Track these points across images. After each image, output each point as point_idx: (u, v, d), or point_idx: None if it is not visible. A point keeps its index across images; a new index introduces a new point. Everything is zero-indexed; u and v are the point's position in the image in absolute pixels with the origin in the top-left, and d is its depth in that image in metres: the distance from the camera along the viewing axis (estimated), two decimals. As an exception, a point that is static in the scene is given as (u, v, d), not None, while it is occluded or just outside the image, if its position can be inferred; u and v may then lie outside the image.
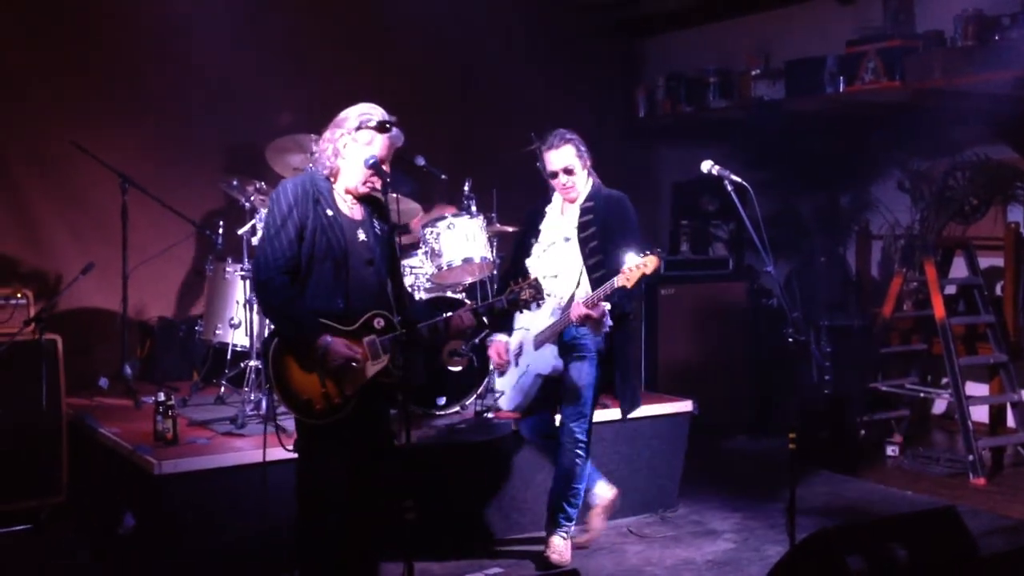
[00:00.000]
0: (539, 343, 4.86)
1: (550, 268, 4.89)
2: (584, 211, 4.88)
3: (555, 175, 4.90)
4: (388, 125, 3.93)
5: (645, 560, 5.04)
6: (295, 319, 3.87)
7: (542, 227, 5.01)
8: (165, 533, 4.58)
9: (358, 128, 3.91)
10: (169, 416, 4.88)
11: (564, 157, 4.87)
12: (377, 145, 3.92)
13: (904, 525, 3.17)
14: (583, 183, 4.93)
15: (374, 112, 3.95)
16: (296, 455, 4.02)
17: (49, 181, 6.54)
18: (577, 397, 4.82)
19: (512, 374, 4.99)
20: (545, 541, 4.95)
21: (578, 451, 4.85)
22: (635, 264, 4.48)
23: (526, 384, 4.94)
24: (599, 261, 4.77)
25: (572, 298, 4.80)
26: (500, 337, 4.97)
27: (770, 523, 5.52)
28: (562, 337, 4.83)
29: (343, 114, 3.97)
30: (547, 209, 5.05)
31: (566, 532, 4.95)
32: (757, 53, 8.03)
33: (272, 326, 4.08)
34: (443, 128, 7.46)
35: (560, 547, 4.91)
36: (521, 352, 4.95)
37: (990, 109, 6.54)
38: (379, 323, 3.95)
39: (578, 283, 4.83)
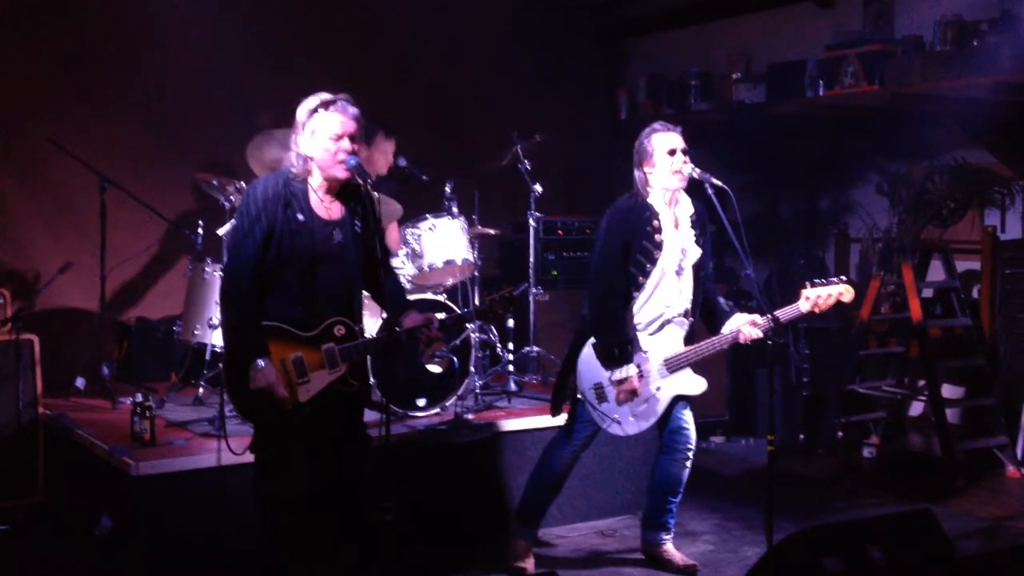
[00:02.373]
0: (676, 367, 4.64)
1: (689, 289, 4.70)
2: (693, 221, 4.70)
3: (673, 152, 4.59)
4: (332, 100, 3.89)
5: (623, 562, 5.05)
6: (243, 333, 3.87)
7: (662, 238, 4.59)
8: (142, 534, 4.55)
9: (308, 118, 3.89)
10: (147, 417, 4.85)
11: (680, 138, 4.62)
12: (332, 121, 3.86)
13: (881, 527, 3.18)
14: None
15: (315, 98, 3.92)
16: (252, 456, 4.03)
17: (27, 180, 6.49)
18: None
19: (634, 399, 4.63)
20: (659, 549, 4.91)
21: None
22: (827, 293, 4.44)
23: (657, 407, 4.69)
24: (701, 276, 4.74)
25: (717, 319, 4.69)
26: (631, 371, 4.53)
27: (748, 524, 5.54)
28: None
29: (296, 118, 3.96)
30: (656, 211, 4.62)
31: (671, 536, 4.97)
32: (738, 56, 8.06)
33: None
34: (425, 129, 7.46)
35: (675, 552, 4.91)
36: (642, 376, 4.63)
37: (968, 113, 6.58)
38: (339, 331, 3.92)
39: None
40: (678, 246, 4.63)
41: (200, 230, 6.10)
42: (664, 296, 4.61)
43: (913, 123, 6.90)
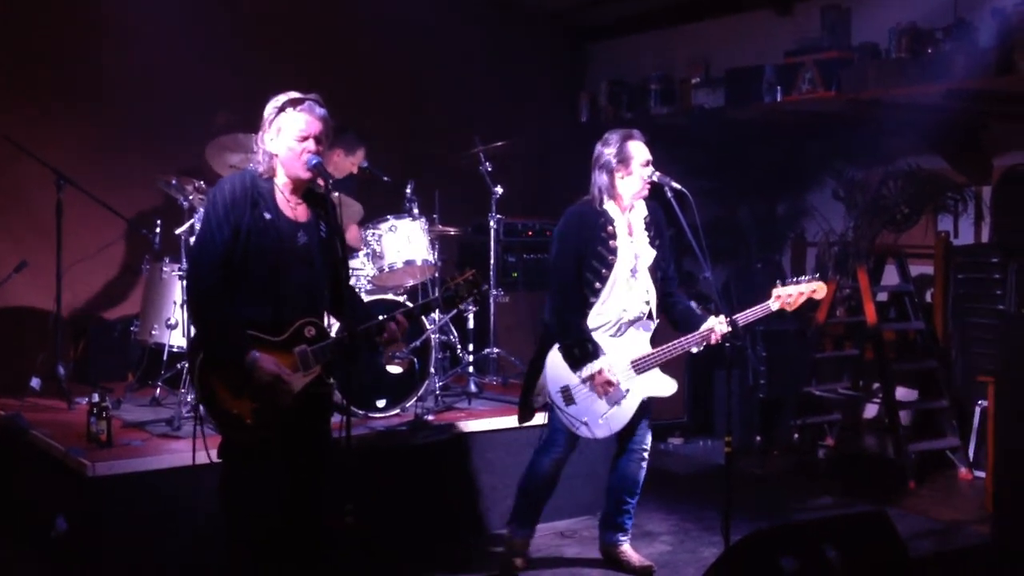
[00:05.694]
0: (644, 368, 4.64)
1: (645, 292, 4.70)
2: (647, 223, 4.73)
3: (648, 163, 4.61)
4: (300, 99, 3.85)
5: (581, 563, 5.07)
6: (224, 335, 3.79)
7: (617, 244, 4.62)
8: (98, 536, 4.51)
9: (275, 116, 3.85)
10: (103, 417, 4.81)
11: (648, 149, 4.65)
12: (299, 120, 3.82)
13: (836, 527, 3.23)
14: None
15: (283, 96, 3.88)
16: (221, 460, 3.97)
17: (-19, 177, 6.42)
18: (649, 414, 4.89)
19: (603, 402, 4.63)
20: (616, 550, 4.95)
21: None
22: (798, 291, 4.47)
23: (628, 410, 4.67)
24: (659, 278, 4.74)
25: (687, 323, 4.66)
26: (600, 364, 4.56)
27: (706, 525, 5.59)
28: None
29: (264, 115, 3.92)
30: (611, 217, 4.65)
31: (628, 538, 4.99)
32: (698, 62, 8.13)
33: (196, 337, 3.96)
34: (387, 130, 7.45)
35: (632, 553, 4.94)
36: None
37: (922, 120, 6.68)
38: (310, 332, 3.87)
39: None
40: (632, 251, 4.66)
41: (158, 229, 6.06)
42: (620, 300, 4.64)
43: (869, 129, 6.99)
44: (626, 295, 4.64)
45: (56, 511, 4.75)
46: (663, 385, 4.73)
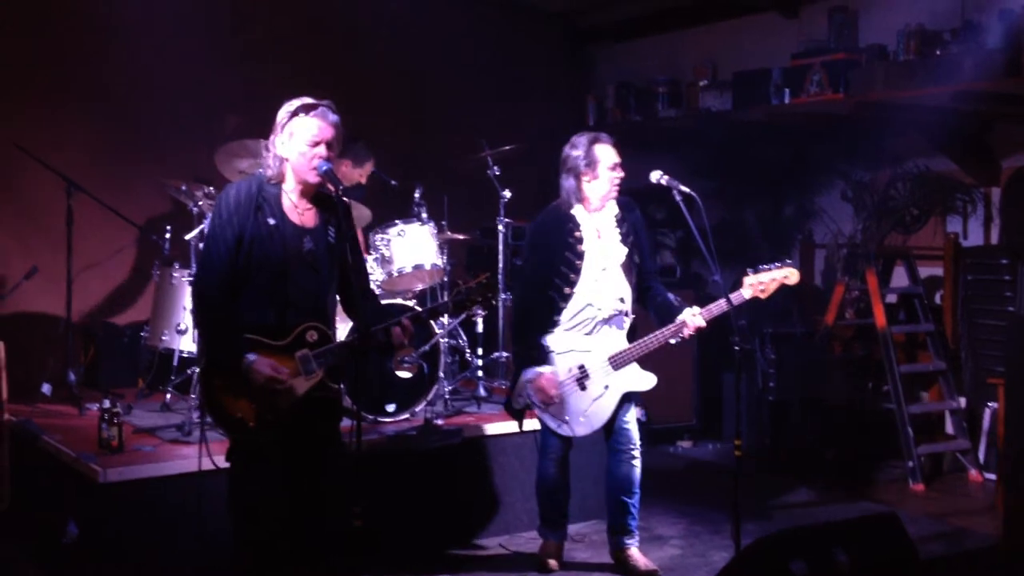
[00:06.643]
0: (622, 363, 4.65)
1: (616, 290, 4.71)
2: (619, 221, 4.77)
3: (616, 167, 4.67)
4: (313, 105, 3.86)
5: (591, 566, 5.07)
6: (220, 337, 3.81)
7: (584, 247, 4.68)
8: (110, 542, 4.52)
9: (288, 120, 3.86)
10: (114, 423, 4.82)
11: (616, 152, 4.71)
12: (311, 126, 3.83)
13: (846, 530, 3.23)
14: None
15: (297, 101, 3.89)
16: (228, 465, 3.98)
17: (-8, 184, 6.44)
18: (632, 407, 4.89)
19: (583, 399, 4.68)
20: (624, 554, 4.93)
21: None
22: (770, 277, 4.48)
23: (608, 406, 4.70)
24: (634, 273, 4.76)
25: (666, 314, 4.65)
26: (544, 369, 4.63)
27: (715, 528, 5.58)
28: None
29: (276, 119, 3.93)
30: (578, 222, 4.71)
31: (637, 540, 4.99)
32: (705, 64, 8.14)
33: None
34: (395, 135, 7.47)
35: (639, 557, 4.92)
36: (587, 376, 4.68)
37: (930, 122, 6.67)
38: (312, 336, 3.88)
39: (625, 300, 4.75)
40: (600, 252, 4.70)
41: (168, 235, 6.07)
42: (592, 299, 4.67)
43: (877, 131, 6.99)
44: (597, 294, 4.68)
45: (67, 517, 4.76)
46: (641, 380, 4.73)
